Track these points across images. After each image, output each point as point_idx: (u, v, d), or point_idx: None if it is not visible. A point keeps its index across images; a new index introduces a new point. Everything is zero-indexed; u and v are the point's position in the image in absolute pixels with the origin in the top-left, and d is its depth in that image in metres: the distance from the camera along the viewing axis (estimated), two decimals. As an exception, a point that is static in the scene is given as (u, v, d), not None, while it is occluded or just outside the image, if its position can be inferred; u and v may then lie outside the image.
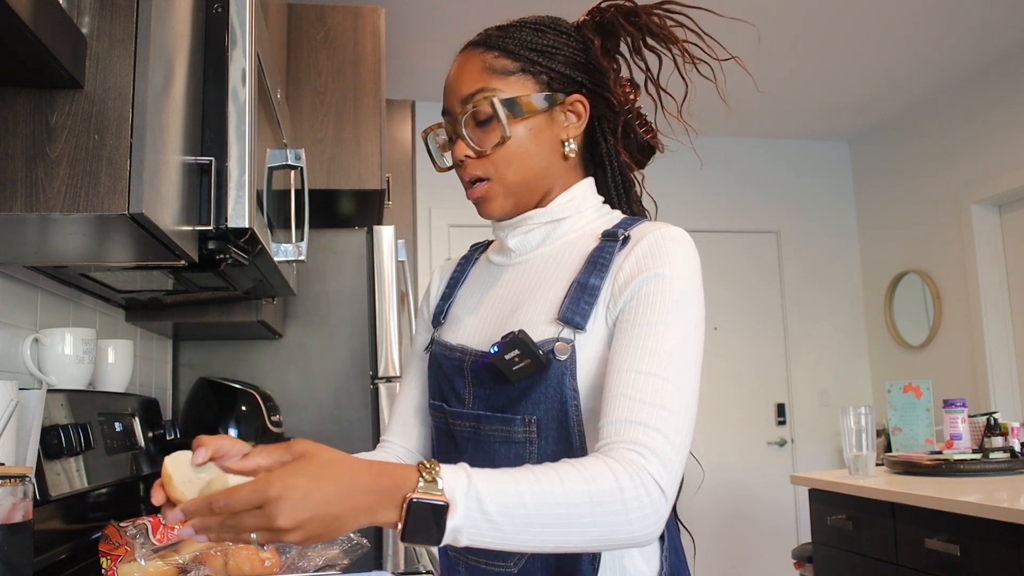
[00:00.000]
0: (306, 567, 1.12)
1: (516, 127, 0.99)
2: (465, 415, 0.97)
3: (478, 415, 0.96)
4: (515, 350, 0.90)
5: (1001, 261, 3.95)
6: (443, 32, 3.44)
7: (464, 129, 1.00)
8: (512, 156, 1.00)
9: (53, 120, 0.90)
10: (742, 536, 4.47)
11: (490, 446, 0.94)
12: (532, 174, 1.02)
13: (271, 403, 2.21)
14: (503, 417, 0.94)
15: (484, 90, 0.99)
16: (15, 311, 1.39)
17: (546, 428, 0.92)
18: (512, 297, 1.01)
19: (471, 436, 0.97)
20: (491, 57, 1.01)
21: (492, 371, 0.94)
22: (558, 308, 0.94)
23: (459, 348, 1.01)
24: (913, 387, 2.95)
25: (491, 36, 1.03)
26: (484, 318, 1.02)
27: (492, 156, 0.99)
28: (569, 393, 0.91)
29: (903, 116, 4.46)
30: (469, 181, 1.02)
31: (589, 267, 0.97)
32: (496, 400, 0.95)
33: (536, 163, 1.02)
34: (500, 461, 0.93)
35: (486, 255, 1.13)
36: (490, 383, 0.95)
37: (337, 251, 2.56)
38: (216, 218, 1.17)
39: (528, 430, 0.92)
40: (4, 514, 0.87)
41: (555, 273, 1.00)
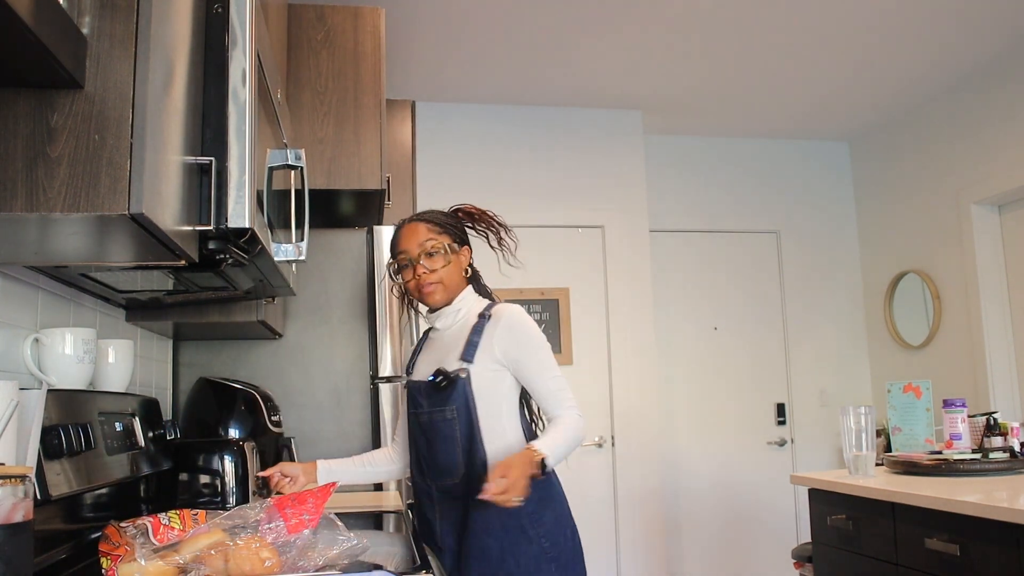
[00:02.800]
0: (306, 567, 1.12)
1: (452, 256, 1.88)
2: (424, 411, 1.85)
3: (430, 411, 1.83)
4: (440, 376, 1.81)
5: (1001, 261, 3.95)
6: (443, 32, 3.44)
7: (422, 259, 1.85)
8: (450, 272, 1.88)
9: (53, 120, 0.90)
10: (742, 536, 4.47)
11: (436, 423, 1.82)
12: (456, 282, 1.90)
13: (271, 403, 2.21)
14: (441, 409, 1.82)
15: (431, 238, 1.87)
16: (15, 311, 1.39)
17: (459, 412, 1.81)
18: (441, 351, 1.89)
19: (428, 421, 1.83)
20: (428, 225, 1.89)
21: (429, 388, 1.84)
22: (460, 354, 1.82)
23: (417, 382, 1.89)
24: (913, 387, 2.95)
25: (423, 215, 1.92)
26: (428, 364, 1.90)
27: (439, 272, 1.86)
28: (470, 394, 1.81)
29: (903, 116, 4.46)
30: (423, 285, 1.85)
31: (473, 332, 1.84)
32: (434, 403, 1.82)
33: (457, 276, 1.90)
34: (440, 429, 1.81)
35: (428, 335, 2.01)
36: (432, 395, 1.83)
37: (337, 251, 2.56)
38: (216, 218, 1.17)
39: (453, 414, 1.81)
40: (4, 514, 0.87)
41: (458, 338, 1.87)
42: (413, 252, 1.85)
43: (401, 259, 1.87)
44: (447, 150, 4.16)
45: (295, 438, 2.39)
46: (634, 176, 4.34)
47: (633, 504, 4.10)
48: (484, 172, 4.16)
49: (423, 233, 1.87)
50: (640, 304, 4.24)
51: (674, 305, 4.56)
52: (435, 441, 1.81)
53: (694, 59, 3.71)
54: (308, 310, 2.52)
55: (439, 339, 1.93)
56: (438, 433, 1.81)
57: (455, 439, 1.80)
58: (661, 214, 4.54)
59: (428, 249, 1.85)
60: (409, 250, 1.86)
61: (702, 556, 4.42)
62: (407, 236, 1.88)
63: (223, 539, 1.12)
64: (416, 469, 1.89)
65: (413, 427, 1.88)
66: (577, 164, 4.28)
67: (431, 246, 1.85)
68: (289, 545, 1.14)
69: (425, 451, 1.84)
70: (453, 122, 4.19)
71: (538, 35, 3.48)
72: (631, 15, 3.31)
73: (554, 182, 4.25)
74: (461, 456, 1.79)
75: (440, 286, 1.86)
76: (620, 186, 4.31)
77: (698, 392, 4.56)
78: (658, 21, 3.36)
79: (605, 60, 3.74)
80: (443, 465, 1.81)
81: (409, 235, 1.88)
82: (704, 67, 3.80)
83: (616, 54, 3.68)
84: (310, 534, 1.15)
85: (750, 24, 3.38)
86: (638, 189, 4.33)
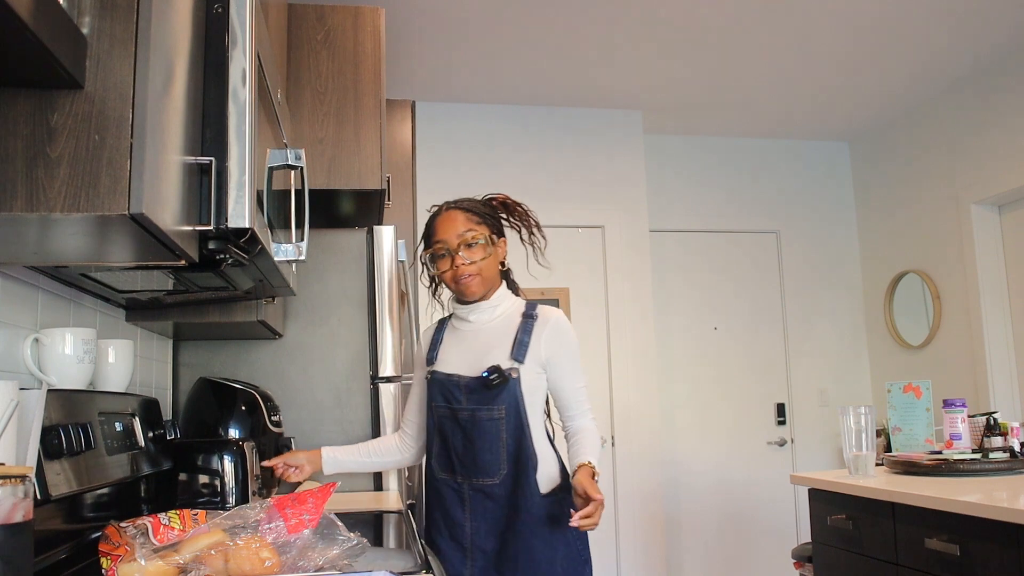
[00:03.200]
0: (306, 567, 1.12)
1: (491, 249, 1.84)
2: (465, 408, 1.81)
3: (474, 408, 1.79)
4: (496, 374, 1.78)
5: (1001, 261, 3.95)
6: (443, 32, 3.44)
7: (461, 250, 1.81)
8: (488, 265, 1.84)
9: (53, 120, 0.90)
10: (742, 536, 4.47)
11: (480, 422, 1.79)
12: (493, 274, 1.87)
13: (271, 403, 2.21)
14: (488, 408, 1.79)
15: (471, 229, 1.82)
16: (15, 311, 1.39)
17: (508, 411, 1.78)
18: (480, 347, 1.84)
19: (470, 418, 1.79)
20: (468, 214, 1.84)
21: (478, 384, 1.79)
22: (510, 352, 1.81)
23: (455, 375, 1.84)
24: (913, 387, 2.95)
25: (461, 203, 1.87)
26: (464, 358, 1.85)
27: (478, 264, 1.81)
28: (519, 394, 1.79)
29: (903, 116, 4.46)
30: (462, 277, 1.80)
31: (522, 332, 1.82)
32: (478, 400, 1.79)
33: (495, 269, 1.87)
34: (485, 428, 1.78)
35: (451, 324, 1.94)
36: (476, 391, 1.80)
37: (337, 251, 2.56)
38: (216, 218, 1.17)
39: (501, 413, 1.78)
40: (4, 514, 0.87)
41: (502, 335, 1.84)
42: (452, 242, 1.81)
43: (438, 248, 1.83)
44: (447, 150, 4.16)
45: (295, 438, 2.39)
46: (634, 176, 4.34)
47: (633, 504, 4.10)
48: (484, 172, 4.16)
49: (462, 223, 1.82)
50: (640, 304, 4.24)
51: (674, 305, 4.56)
52: (477, 439, 1.78)
53: (694, 59, 3.71)
54: (308, 310, 2.52)
55: (473, 332, 1.87)
56: (482, 431, 1.77)
57: (500, 439, 1.77)
58: (661, 214, 4.54)
59: (468, 240, 1.81)
60: (447, 240, 1.81)
61: (702, 556, 4.42)
62: (445, 225, 1.83)
63: (223, 539, 1.12)
64: (443, 465, 1.85)
65: (446, 423, 1.83)
66: (577, 164, 4.28)
67: (471, 237, 1.81)
68: (289, 545, 1.14)
69: (461, 448, 1.79)
70: (453, 122, 4.19)
71: (538, 35, 3.48)
72: (631, 15, 3.31)
73: (554, 182, 4.25)
74: (505, 456, 1.77)
75: (479, 278, 1.82)
76: (620, 186, 4.31)
77: (698, 392, 4.56)
78: (658, 21, 3.36)
79: (605, 60, 3.74)
80: (484, 464, 1.78)
81: (447, 224, 1.83)
82: (704, 67, 3.80)
83: (616, 54, 3.68)
84: (310, 534, 1.15)
85: (750, 24, 3.38)
86: (638, 189, 4.33)
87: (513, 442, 1.77)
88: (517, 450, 1.78)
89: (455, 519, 1.82)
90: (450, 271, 1.81)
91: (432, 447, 1.88)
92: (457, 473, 1.82)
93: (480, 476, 1.79)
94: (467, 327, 1.89)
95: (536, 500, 1.78)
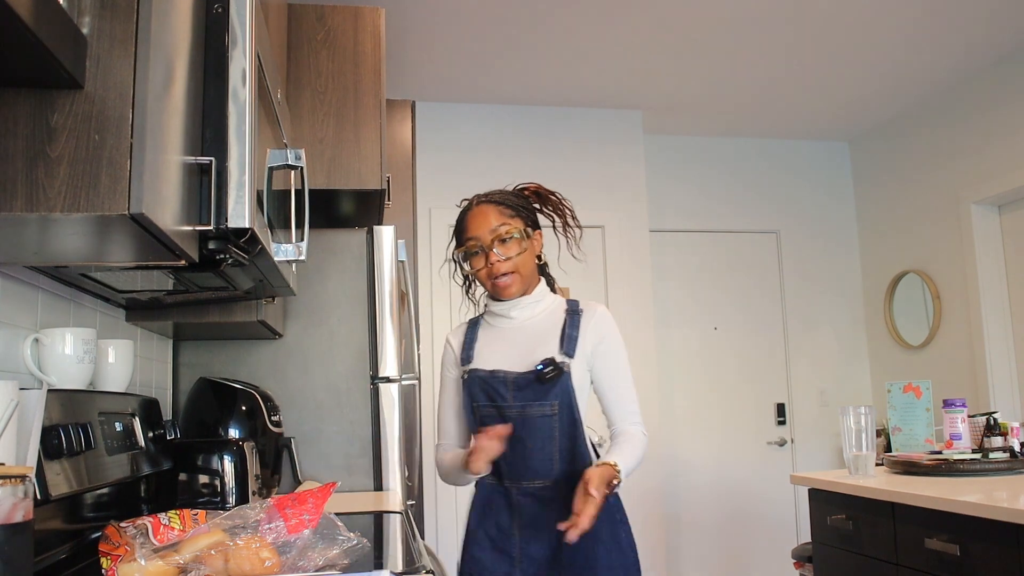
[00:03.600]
0: (306, 567, 1.12)
1: (526, 243, 1.74)
2: (512, 405, 1.69)
3: (525, 404, 1.68)
4: (551, 366, 1.67)
5: (1001, 261, 3.95)
6: (443, 32, 3.44)
7: (495, 246, 1.70)
8: (525, 261, 1.74)
9: (53, 120, 0.90)
10: (742, 536, 4.47)
11: (532, 419, 1.68)
12: (531, 271, 1.77)
13: (271, 403, 2.21)
14: (540, 404, 1.68)
15: (505, 223, 1.72)
16: (15, 311, 1.39)
17: (561, 407, 1.68)
18: (525, 343, 1.74)
19: (519, 415, 1.68)
20: (500, 208, 1.74)
21: (527, 381, 1.68)
22: (560, 347, 1.71)
23: (499, 371, 1.72)
24: (913, 387, 2.95)
25: (492, 197, 1.76)
26: (507, 355, 1.74)
27: (514, 260, 1.71)
28: (571, 388, 1.69)
29: (903, 116, 4.46)
30: (497, 275, 1.71)
31: (570, 327, 1.74)
32: (528, 396, 1.68)
33: (532, 265, 1.78)
34: (537, 426, 1.67)
35: (485, 321, 1.84)
36: (523, 387, 1.69)
37: (337, 251, 2.56)
38: (216, 218, 1.17)
39: (553, 410, 1.68)
40: (4, 514, 0.87)
41: (548, 331, 1.75)
42: (485, 238, 1.71)
43: (471, 245, 1.73)
44: (447, 150, 4.16)
45: (295, 438, 2.39)
46: (634, 176, 4.34)
47: (633, 503, 4.09)
48: (484, 172, 4.15)
49: (495, 217, 1.72)
50: (640, 304, 4.24)
51: (674, 305, 4.56)
52: (528, 438, 1.66)
53: (694, 59, 3.71)
54: (308, 310, 2.52)
55: (514, 329, 1.77)
56: (534, 430, 1.67)
57: (553, 437, 1.66)
58: (661, 214, 4.54)
59: (501, 235, 1.71)
60: (480, 236, 1.71)
61: (702, 556, 4.42)
62: (477, 220, 1.73)
63: (223, 539, 1.12)
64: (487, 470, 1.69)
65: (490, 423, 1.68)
66: (577, 164, 4.28)
67: (505, 231, 1.71)
68: (289, 545, 1.14)
69: (509, 449, 1.64)
70: (453, 122, 4.19)
71: (538, 35, 3.48)
72: (631, 15, 3.31)
73: (554, 182, 4.23)
74: (558, 456, 1.66)
75: (515, 276, 1.72)
76: (620, 186, 4.31)
77: (698, 392, 4.56)
78: (658, 21, 3.36)
79: (605, 60, 3.74)
80: (537, 465, 1.67)
81: (479, 219, 1.73)
82: (704, 67, 3.80)
83: (616, 54, 3.68)
84: (310, 534, 1.15)
85: (750, 24, 3.38)
86: (638, 189, 4.33)
87: (567, 440, 1.66)
88: (571, 449, 1.67)
89: (502, 527, 1.71)
90: (485, 268, 1.71)
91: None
92: (504, 477, 1.71)
93: (531, 478, 1.68)
94: (507, 324, 1.78)
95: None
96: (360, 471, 2.45)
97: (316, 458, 2.44)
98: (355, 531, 1.18)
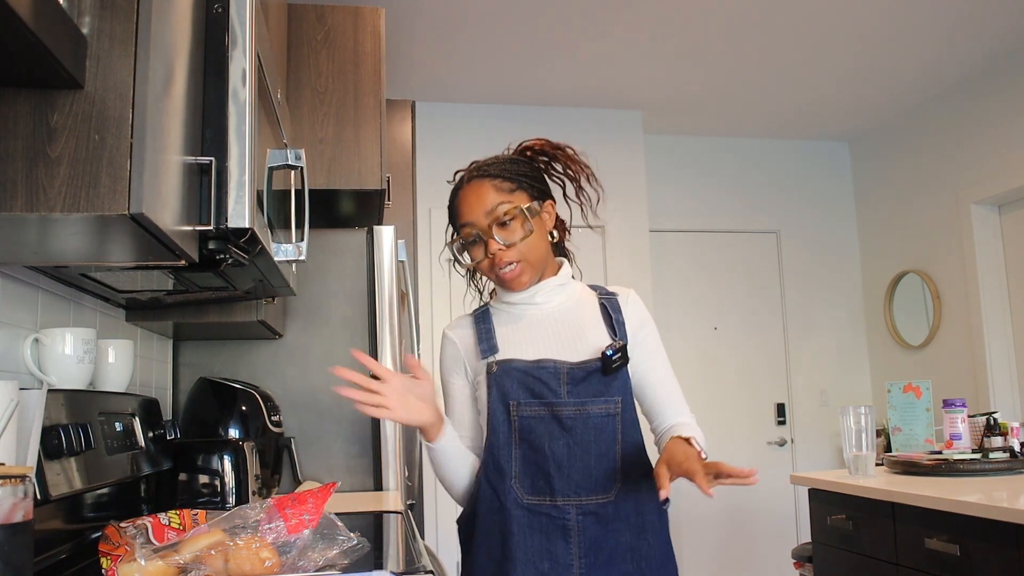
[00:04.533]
0: (306, 567, 1.12)
1: (533, 222, 1.43)
2: (568, 403, 1.39)
3: (582, 401, 1.40)
4: (619, 353, 1.41)
5: (1001, 261, 3.95)
6: (443, 32, 3.44)
7: (493, 231, 1.41)
8: (532, 245, 1.43)
9: (53, 120, 0.90)
10: (742, 536, 4.47)
11: (595, 420, 1.40)
12: (542, 255, 1.46)
13: (271, 403, 2.21)
14: (603, 400, 1.41)
15: (502, 203, 1.42)
16: (15, 311, 1.39)
17: (624, 405, 1.43)
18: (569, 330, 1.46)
19: (578, 416, 1.39)
20: (496, 182, 1.44)
21: (584, 372, 1.41)
22: (611, 333, 1.46)
23: (549, 360, 1.42)
24: (913, 387, 2.95)
25: (486, 169, 1.47)
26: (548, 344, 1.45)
27: (519, 246, 1.41)
28: (629, 382, 1.44)
29: (903, 116, 4.46)
30: (501, 266, 1.42)
31: (612, 310, 1.48)
32: (586, 391, 1.40)
33: (543, 247, 1.47)
34: (602, 428, 1.40)
35: (498, 311, 1.53)
36: (580, 380, 1.40)
37: (337, 251, 2.56)
38: (216, 218, 1.17)
39: (617, 407, 1.41)
40: (4, 514, 0.87)
41: (587, 317, 1.48)
42: (481, 223, 1.42)
43: (467, 233, 1.44)
44: (447, 150, 4.16)
45: (295, 438, 2.39)
46: (634, 176, 4.34)
47: (633, 504, 4.09)
48: (484, 172, 4.15)
49: (492, 195, 1.43)
50: (640, 304, 4.24)
51: (674, 305, 4.56)
52: (588, 443, 1.39)
53: (694, 59, 3.71)
54: (308, 310, 2.52)
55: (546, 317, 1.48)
56: (594, 432, 1.39)
57: (616, 440, 1.40)
58: (661, 214, 4.53)
59: (500, 217, 1.41)
60: (476, 221, 1.43)
61: (702, 556, 4.42)
62: (470, 201, 1.44)
63: (223, 539, 1.12)
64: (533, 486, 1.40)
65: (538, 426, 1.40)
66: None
67: (504, 213, 1.42)
68: (289, 545, 1.14)
69: (566, 458, 1.38)
70: (453, 122, 4.19)
71: (538, 35, 3.48)
72: (631, 15, 3.31)
73: (554, 182, 4.25)
74: (621, 464, 1.40)
75: (524, 265, 1.43)
76: (620, 186, 4.31)
77: (698, 392, 4.55)
78: (658, 21, 3.36)
79: (605, 60, 3.74)
80: (599, 476, 1.39)
81: (473, 199, 1.44)
82: (704, 67, 3.80)
83: (616, 54, 3.68)
84: (310, 534, 1.15)
85: (750, 24, 3.38)
86: (638, 189, 4.33)
87: (630, 444, 1.41)
88: (635, 454, 1.42)
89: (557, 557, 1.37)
90: (486, 260, 1.43)
91: (509, 465, 1.41)
92: (558, 494, 1.38)
93: (593, 493, 1.39)
94: (534, 312, 1.49)
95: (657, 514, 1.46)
96: (360, 471, 2.45)
97: (316, 458, 2.44)
98: (355, 531, 1.18)
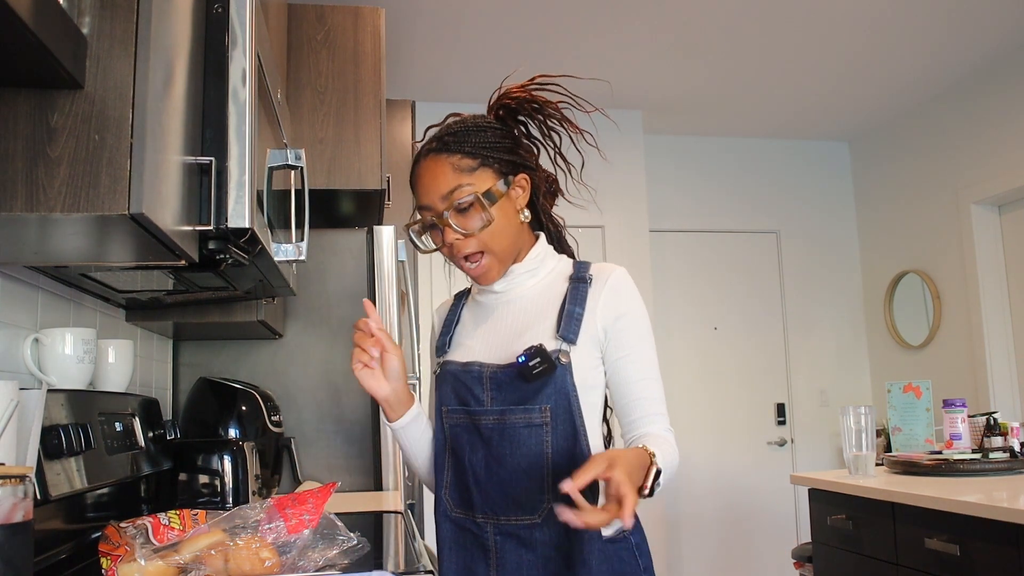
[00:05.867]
0: (306, 567, 1.12)
1: (493, 210, 1.24)
2: (489, 412, 1.24)
3: (502, 410, 1.23)
4: (537, 358, 1.19)
5: (1001, 261, 3.95)
6: (443, 32, 3.44)
7: (450, 218, 1.23)
8: (496, 233, 1.25)
9: (53, 120, 0.90)
10: (742, 536, 4.47)
11: (515, 431, 1.22)
12: (510, 242, 1.28)
13: (271, 403, 2.21)
14: (525, 408, 1.22)
15: (461, 186, 1.23)
16: (15, 311, 1.39)
17: (555, 414, 1.22)
18: (513, 325, 1.29)
19: (496, 426, 1.23)
20: (455, 159, 1.25)
21: (508, 376, 1.22)
22: (555, 330, 1.24)
23: (475, 363, 1.27)
24: (913, 387, 2.95)
25: (446, 141, 1.27)
26: (489, 341, 1.30)
27: (480, 236, 1.24)
28: (571, 388, 1.22)
29: (903, 116, 4.46)
30: (463, 257, 1.26)
31: (572, 301, 1.27)
32: (510, 398, 1.23)
33: (511, 233, 1.28)
34: (523, 441, 1.22)
35: (471, 298, 1.40)
36: (506, 386, 1.23)
37: (337, 251, 2.56)
38: (216, 218, 1.17)
39: (544, 416, 1.22)
40: (4, 514, 0.87)
41: (544, 306, 1.29)
42: (437, 207, 1.24)
43: (425, 216, 1.27)
44: (447, 150, 4.16)
45: (295, 438, 2.39)
46: (634, 176, 4.34)
47: (633, 504, 4.09)
48: (484, 172, 4.15)
49: (448, 176, 1.24)
50: (640, 304, 4.24)
51: (674, 305, 4.56)
52: (507, 457, 1.22)
53: (694, 59, 3.71)
54: (308, 310, 2.52)
55: (503, 304, 1.32)
56: (515, 445, 1.22)
57: (543, 456, 1.21)
58: (661, 214, 4.53)
59: (455, 202, 1.23)
60: (431, 205, 1.25)
61: (702, 556, 4.42)
62: (424, 182, 1.26)
63: (223, 539, 1.12)
64: (459, 499, 1.27)
65: (461, 435, 1.27)
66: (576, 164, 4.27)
67: (461, 198, 1.23)
68: (289, 545, 1.14)
69: (484, 472, 1.23)
70: (453, 122, 4.18)
71: (538, 35, 3.48)
72: (631, 15, 3.31)
73: (554, 182, 4.25)
74: (551, 482, 1.19)
75: (490, 258, 1.27)
76: (620, 186, 4.31)
77: (698, 392, 4.56)
78: (658, 21, 3.36)
79: (605, 60, 3.74)
80: (519, 495, 1.22)
81: (427, 180, 1.26)
82: (704, 67, 3.80)
83: (616, 54, 3.68)
84: (310, 534, 1.15)
85: (750, 24, 3.38)
86: (638, 189, 4.33)
87: (563, 461, 1.20)
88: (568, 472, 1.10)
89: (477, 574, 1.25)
90: (445, 248, 1.27)
91: (442, 474, 1.30)
92: (477, 510, 1.25)
93: (512, 513, 1.22)
94: (493, 300, 1.33)
95: (597, 549, 1.21)
96: (360, 471, 2.45)
97: (316, 458, 2.44)
98: (355, 531, 1.18)
